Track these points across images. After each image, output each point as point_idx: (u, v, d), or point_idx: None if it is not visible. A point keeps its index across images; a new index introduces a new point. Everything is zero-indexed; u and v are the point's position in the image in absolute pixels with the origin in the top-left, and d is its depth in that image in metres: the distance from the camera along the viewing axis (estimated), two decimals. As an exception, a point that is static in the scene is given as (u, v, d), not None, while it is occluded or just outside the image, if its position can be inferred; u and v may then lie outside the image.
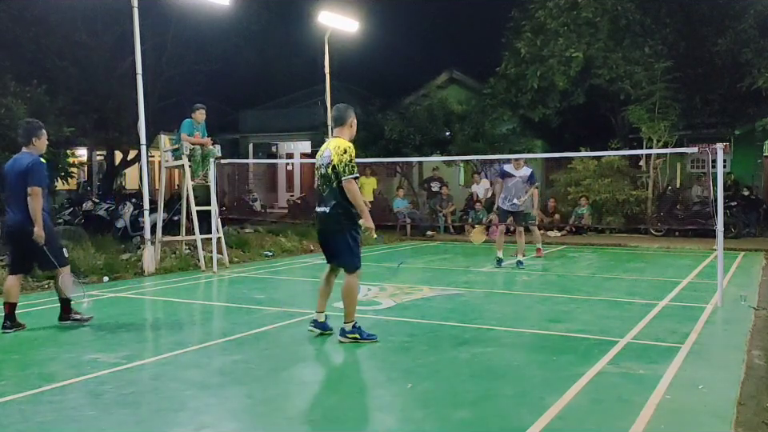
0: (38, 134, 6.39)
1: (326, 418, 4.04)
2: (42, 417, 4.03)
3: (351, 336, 5.72)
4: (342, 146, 5.64)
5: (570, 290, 8.79)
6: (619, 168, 16.75)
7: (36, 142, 6.37)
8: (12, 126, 10.75)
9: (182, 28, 19.55)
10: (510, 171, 10.84)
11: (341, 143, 5.67)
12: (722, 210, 7.41)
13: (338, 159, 5.57)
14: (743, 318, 6.74)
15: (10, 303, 6.36)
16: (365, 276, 10.01)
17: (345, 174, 5.55)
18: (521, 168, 10.83)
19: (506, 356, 5.43)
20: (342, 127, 5.85)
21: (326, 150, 5.74)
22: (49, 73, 14.77)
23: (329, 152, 5.68)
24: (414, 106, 19.87)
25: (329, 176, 5.65)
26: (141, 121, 10.65)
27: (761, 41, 15.55)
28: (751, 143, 18.66)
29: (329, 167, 5.64)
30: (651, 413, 3.98)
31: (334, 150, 5.64)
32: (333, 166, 5.60)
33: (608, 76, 17.15)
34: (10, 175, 6.28)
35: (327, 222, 5.73)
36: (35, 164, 6.19)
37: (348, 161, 5.56)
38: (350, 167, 5.57)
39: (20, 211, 6.19)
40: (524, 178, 10.75)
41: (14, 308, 6.39)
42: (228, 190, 24.47)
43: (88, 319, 6.66)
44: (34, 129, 6.41)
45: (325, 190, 5.71)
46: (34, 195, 6.10)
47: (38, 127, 6.45)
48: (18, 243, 6.36)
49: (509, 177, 10.80)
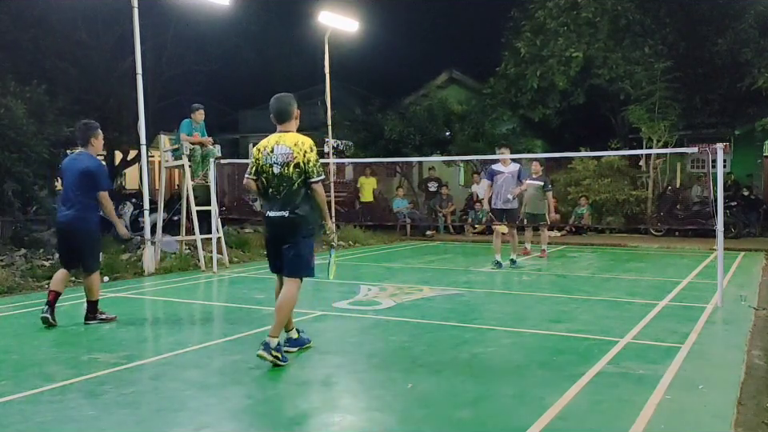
0: (95, 133, 6.54)
1: (326, 418, 4.03)
2: (42, 417, 4.03)
3: (275, 354, 4.98)
4: (306, 143, 5.10)
5: (570, 290, 8.79)
6: (619, 168, 16.76)
7: (94, 142, 6.53)
8: (12, 126, 10.78)
9: (181, 28, 19.55)
10: (498, 169, 10.78)
11: (302, 139, 5.12)
12: (722, 210, 7.41)
13: (303, 158, 5.03)
14: (743, 318, 6.74)
15: (54, 292, 6.49)
16: (365, 276, 10.06)
17: (314, 176, 5.05)
18: (508, 165, 10.79)
19: (505, 356, 5.43)
20: (289, 122, 5.25)
21: (280, 147, 5.11)
22: (49, 73, 14.77)
23: (286, 149, 5.08)
24: (414, 106, 19.87)
25: (289, 176, 5.05)
26: (141, 121, 10.65)
27: (761, 41, 15.55)
28: (751, 143, 18.66)
29: (289, 166, 5.05)
30: (651, 413, 3.98)
31: (295, 148, 5.06)
32: (296, 165, 5.04)
33: (608, 76, 17.16)
34: (68, 173, 6.45)
35: (287, 227, 5.13)
36: (100, 169, 6.46)
37: (316, 160, 5.08)
38: (318, 168, 5.08)
39: (73, 209, 6.38)
40: (513, 173, 10.71)
41: (57, 297, 6.52)
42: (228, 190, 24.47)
43: (113, 318, 6.74)
44: (91, 129, 6.54)
45: (282, 191, 5.09)
46: (103, 199, 6.39)
47: (95, 127, 6.59)
48: (66, 240, 6.55)
49: (498, 174, 10.74)
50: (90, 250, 6.54)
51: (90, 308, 6.65)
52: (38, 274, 9.41)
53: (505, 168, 10.76)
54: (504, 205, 10.73)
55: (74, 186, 6.37)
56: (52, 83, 13.55)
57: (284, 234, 5.17)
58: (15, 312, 7.42)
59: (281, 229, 5.17)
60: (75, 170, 6.39)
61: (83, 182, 6.34)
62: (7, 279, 8.80)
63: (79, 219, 6.38)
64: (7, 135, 10.68)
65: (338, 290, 8.67)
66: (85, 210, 6.40)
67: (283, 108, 5.23)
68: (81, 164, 6.39)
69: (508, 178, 10.68)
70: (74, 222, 6.39)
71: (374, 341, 6.02)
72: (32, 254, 10.68)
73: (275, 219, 5.16)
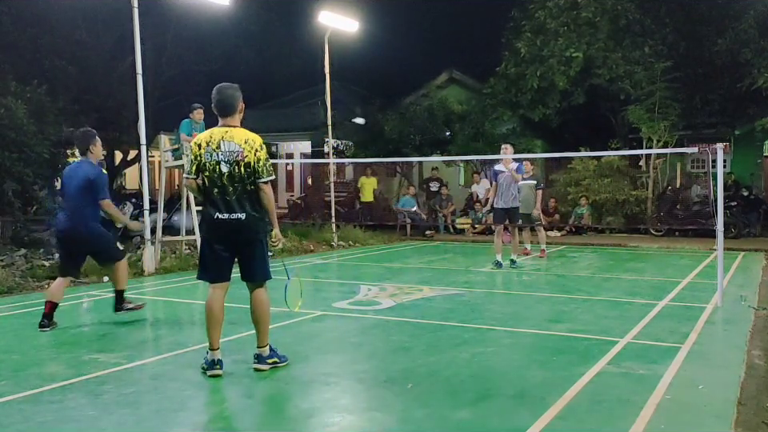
0: (93, 141, 6.64)
1: (326, 418, 4.04)
2: (42, 417, 4.03)
3: (271, 362, 4.92)
4: (256, 141, 4.77)
5: (570, 290, 8.79)
6: (619, 168, 16.77)
7: (93, 149, 6.61)
8: (12, 126, 10.78)
9: (181, 28, 19.54)
10: (501, 169, 10.91)
11: (252, 137, 4.79)
12: (722, 210, 7.41)
13: (254, 157, 4.71)
14: (743, 318, 6.74)
15: (51, 302, 6.49)
16: (365, 276, 10.06)
17: (264, 176, 4.74)
18: (510, 164, 10.90)
19: (505, 356, 5.43)
20: (233, 116, 4.87)
21: (228, 144, 4.72)
22: (48, 73, 14.76)
23: (235, 146, 4.72)
24: (414, 106, 19.89)
25: (241, 176, 4.71)
26: (141, 121, 10.65)
27: (761, 41, 15.55)
28: (751, 143, 18.67)
29: (239, 165, 4.70)
30: (651, 413, 3.98)
31: (245, 145, 4.72)
32: (246, 164, 4.70)
33: (608, 76, 17.15)
34: (69, 181, 6.52)
35: (245, 229, 4.78)
36: (101, 177, 6.49)
37: (266, 159, 4.76)
38: (268, 167, 4.77)
39: (73, 216, 6.45)
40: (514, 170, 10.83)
41: (54, 308, 6.52)
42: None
43: (142, 306, 6.91)
44: (90, 137, 6.65)
45: (233, 192, 4.72)
46: (106, 207, 6.49)
47: (93, 135, 6.70)
48: (67, 246, 6.62)
49: (500, 174, 10.89)
50: (104, 245, 6.65)
51: (118, 297, 6.75)
52: (38, 274, 9.41)
53: (506, 168, 10.86)
54: (506, 204, 10.82)
55: (75, 194, 6.42)
56: (52, 83, 13.55)
57: (242, 237, 4.81)
58: (15, 312, 7.43)
59: (238, 233, 4.78)
60: (76, 179, 6.44)
61: (84, 190, 6.39)
62: (7, 279, 8.80)
63: (81, 225, 6.42)
64: (7, 135, 10.68)
65: (338, 290, 8.67)
66: (84, 216, 6.44)
67: (227, 100, 4.82)
68: (82, 172, 6.45)
69: (509, 177, 10.78)
70: (76, 227, 6.43)
71: (374, 341, 6.03)
72: (32, 254, 10.68)
73: (230, 222, 4.72)
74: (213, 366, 4.83)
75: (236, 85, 4.97)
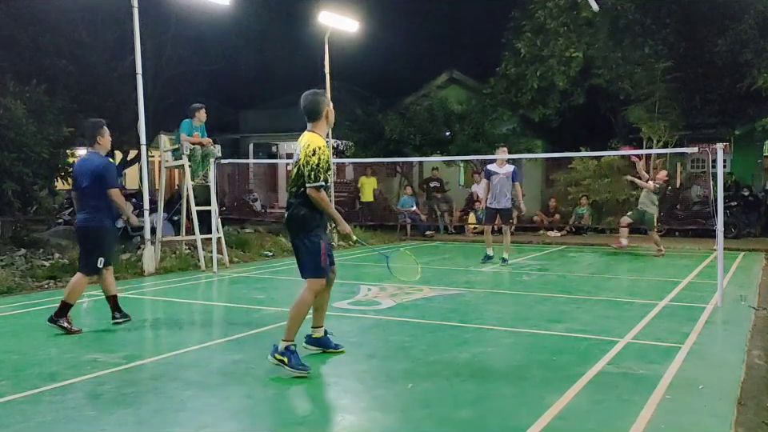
0: (101, 131, 6.47)
1: (326, 419, 4.04)
2: (42, 417, 4.03)
3: (279, 358, 4.84)
4: (310, 146, 4.84)
5: (570, 290, 8.79)
6: (619, 168, 16.76)
7: (100, 140, 6.46)
8: (11, 126, 10.76)
9: (181, 28, 19.54)
10: (494, 170, 11.05)
11: (309, 142, 4.87)
12: (722, 210, 7.41)
13: (303, 161, 4.85)
14: (743, 318, 6.74)
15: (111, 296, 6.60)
16: (365, 276, 10.06)
17: (310, 181, 4.80)
18: (504, 165, 11.04)
19: (506, 356, 5.43)
20: (315, 121, 5.02)
21: (297, 147, 5.00)
22: (48, 72, 14.74)
23: (298, 150, 4.97)
24: (414, 106, 19.87)
25: (294, 177, 4.96)
26: (141, 121, 10.65)
27: (761, 41, 15.54)
28: (751, 143, 18.66)
29: (296, 167, 4.94)
30: (651, 413, 3.98)
31: (302, 150, 4.90)
32: (298, 168, 4.91)
33: (608, 76, 17.15)
34: (79, 176, 6.43)
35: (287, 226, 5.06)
36: (108, 166, 6.39)
37: (315, 165, 4.78)
38: (314, 174, 4.78)
39: (87, 210, 6.36)
40: (508, 174, 10.98)
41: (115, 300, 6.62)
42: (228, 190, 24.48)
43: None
44: (96, 127, 6.48)
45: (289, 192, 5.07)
46: (114, 196, 6.32)
47: (101, 125, 6.52)
48: (85, 241, 6.50)
49: (494, 175, 11.02)
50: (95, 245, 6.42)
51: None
52: (38, 274, 9.42)
53: (500, 169, 11.02)
54: (498, 205, 11.01)
55: (86, 188, 6.33)
56: (51, 82, 13.52)
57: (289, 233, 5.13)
58: (15, 312, 7.43)
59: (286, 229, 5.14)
60: (85, 172, 6.35)
61: (94, 182, 6.28)
62: (7, 279, 8.80)
63: (93, 220, 6.35)
64: (7, 135, 10.67)
65: (338, 289, 8.64)
66: (98, 212, 6.34)
67: (308, 106, 5.02)
68: (90, 164, 6.36)
69: (503, 179, 10.95)
70: (89, 222, 6.36)
71: (374, 341, 6.03)
72: (32, 254, 10.67)
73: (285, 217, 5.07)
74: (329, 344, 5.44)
75: (321, 90, 5.25)
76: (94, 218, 6.36)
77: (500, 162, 11.06)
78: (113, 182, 6.37)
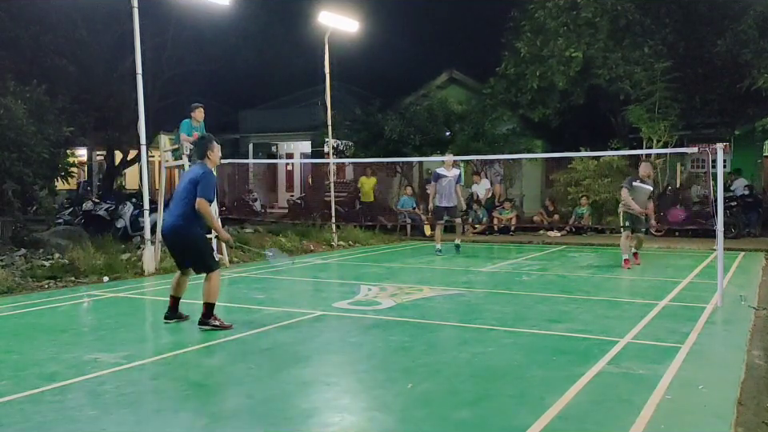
0: (211, 146, 6.51)
1: (326, 418, 4.04)
2: (42, 417, 4.03)
3: None
4: None
5: (570, 290, 8.79)
6: (619, 168, 16.74)
7: (210, 155, 6.50)
8: (12, 126, 10.77)
9: (181, 28, 19.56)
10: (443, 173, 12.42)
11: None
12: (722, 210, 7.41)
13: None
14: (743, 318, 6.74)
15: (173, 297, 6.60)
16: (365, 276, 10.06)
17: None
18: (451, 169, 12.45)
19: (505, 356, 5.43)
20: None
21: None
22: (48, 72, 14.76)
23: None
24: (414, 106, 19.87)
25: None
26: (141, 121, 10.64)
27: (760, 41, 15.53)
28: (751, 143, 18.65)
29: None
30: (651, 413, 3.98)
31: None
32: None
33: (608, 76, 17.14)
34: (180, 183, 6.52)
35: None
36: (206, 177, 6.28)
37: None
38: None
39: (176, 214, 6.34)
40: (455, 177, 12.44)
41: (176, 302, 6.61)
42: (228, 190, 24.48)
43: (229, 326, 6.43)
44: (206, 144, 6.52)
45: None
46: (199, 205, 6.17)
47: (210, 140, 6.57)
48: (172, 244, 6.51)
49: (443, 178, 12.39)
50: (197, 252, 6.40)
51: (205, 311, 6.40)
52: (38, 274, 9.40)
53: (448, 172, 12.39)
54: (448, 203, 12.40)
55: (180, 194, 6.33)
56: (52, 82, 13.53)
57: None
58: (15, 312, 7.42)
59: None
60: (185, 179, 6.39)
61: (188, 190, 6.24)
62: (7, 279, 8.79)
63: (179, 225, 6.29)
64: (7, 135, 10.67)
65: (338, 290, 8.67)
66: (183, 218, 6.26)
67: None
68: (191, 173, 6.40)
69: (451, 181, 12.34)
70: (175, 228, 6.32)
71: (374, 341, 6.02)
72: (32, 254, 10.67)
73: None
74: None
75: None
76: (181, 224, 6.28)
77: (447, 165, 12.43)
78: (203, 192, 6.19)
